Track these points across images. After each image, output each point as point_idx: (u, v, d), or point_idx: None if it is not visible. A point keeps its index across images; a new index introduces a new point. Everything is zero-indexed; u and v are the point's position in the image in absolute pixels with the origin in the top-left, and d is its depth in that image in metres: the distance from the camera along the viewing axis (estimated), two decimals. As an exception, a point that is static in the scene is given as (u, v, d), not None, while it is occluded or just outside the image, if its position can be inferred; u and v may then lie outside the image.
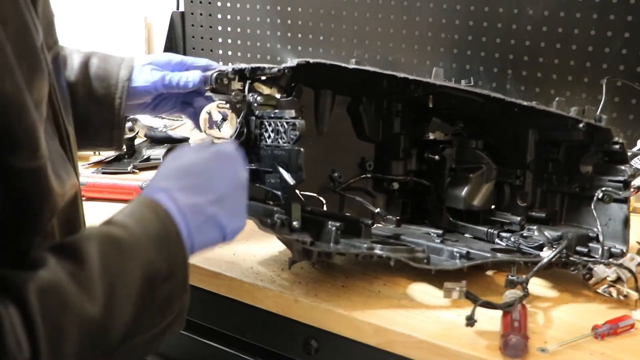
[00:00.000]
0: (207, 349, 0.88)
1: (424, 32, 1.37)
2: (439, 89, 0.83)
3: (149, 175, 1.22)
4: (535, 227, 0.84)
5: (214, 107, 0.89)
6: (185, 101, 0.93)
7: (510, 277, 0.76)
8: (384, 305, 0.75)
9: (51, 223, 0.53)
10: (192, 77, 0.88)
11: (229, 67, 0.87)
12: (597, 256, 0.78)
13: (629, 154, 0.93)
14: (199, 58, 0.94)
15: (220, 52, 1.67)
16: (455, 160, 0.95)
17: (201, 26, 1.68)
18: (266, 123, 0.83)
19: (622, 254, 0.78)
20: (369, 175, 0.99)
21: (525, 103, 0.81)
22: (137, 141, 1.36)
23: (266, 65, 0.86)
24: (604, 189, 0.79)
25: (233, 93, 0.85)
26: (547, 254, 0.78)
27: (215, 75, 0.85)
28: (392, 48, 1.42)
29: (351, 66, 0.80)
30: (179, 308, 0.57)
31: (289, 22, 1.55)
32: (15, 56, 0.45)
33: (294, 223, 0.76)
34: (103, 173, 1.23)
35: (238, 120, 0.85)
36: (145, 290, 0.53)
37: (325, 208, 0.95)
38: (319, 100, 0.95)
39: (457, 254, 0.82)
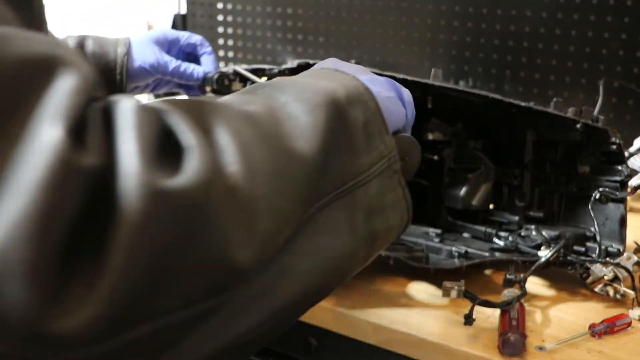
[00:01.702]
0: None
1: (423, 33, 1.38)
2: (437, 90, 0.84)
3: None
4: (533, 227, 0.85)
5: None
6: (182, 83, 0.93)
7: (508, 276, 0.76)
8: (383, 304, 0.76)
9: None
10: (198, 70, 0.89)
11: (230, 69, 0.88)
12: (594, 255, 0.79)
13: (626, 154, 0.94)
14: (189, 33, 0.94)
15: (222, 53, 1.67)
16: (454, 160, 0.95)
17: (202, 28, 1.69)
18: (267, 124, 0.84)
19: (619, 253, 0.78)
20: (368, 176, 1.00)
21: (523, 104, 0.81)
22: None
23: (267, 67, 0.87)
24: (601, 189, 0.80)
25: (234, 94, 0.86)
26: (544, 253, 0.78)
27: (217, 76, 0.86)
28: (391, 49, 1.43)
29: (351, 67, 0.80)
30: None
31: (289, 23, 1.55)
32: None
33: (294, 223, 0.77)
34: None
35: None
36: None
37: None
38: (319, 101, 0.96)
39: (456, 253, 0.83)
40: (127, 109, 0.35)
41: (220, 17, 1.66)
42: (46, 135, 0.31)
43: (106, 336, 0.32)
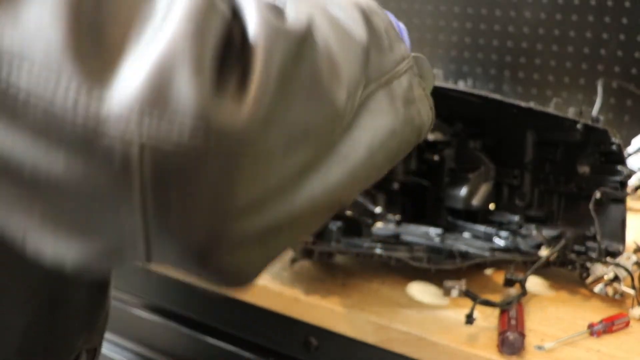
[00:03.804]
0: (207, 346, 0.89)
1: (422, 34, 1.38)
2: (437, 90, 0.84)
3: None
4: (533, 227, 0.85)
5: None
6: None
7: (508, 275, 0.77)
8: (383, 303, 0.76)
9: None
10: None
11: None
12: (594, 255, 0.79)
13: (625, 154, 0.94)
14: None
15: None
16: (454, 160, 0.95)
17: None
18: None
19: (619, 253, 0.79)
20: (368, 176, 1.00)
21: (523, 104, 0.82)
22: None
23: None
24: (601, 189, 0.80)
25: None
26: (545, 253, 0.78)
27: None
28: (390, 50, 1.43)
29: (351, 67, 0.80)
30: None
31: (288, 24, 1.56)
32: None
33: (295, 222, 0.77)
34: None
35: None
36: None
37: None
38: (319, 101, 0.96)
39: (456, 253, 0.83)
40: None
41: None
42: None
43: (254, 136, 0.36)
